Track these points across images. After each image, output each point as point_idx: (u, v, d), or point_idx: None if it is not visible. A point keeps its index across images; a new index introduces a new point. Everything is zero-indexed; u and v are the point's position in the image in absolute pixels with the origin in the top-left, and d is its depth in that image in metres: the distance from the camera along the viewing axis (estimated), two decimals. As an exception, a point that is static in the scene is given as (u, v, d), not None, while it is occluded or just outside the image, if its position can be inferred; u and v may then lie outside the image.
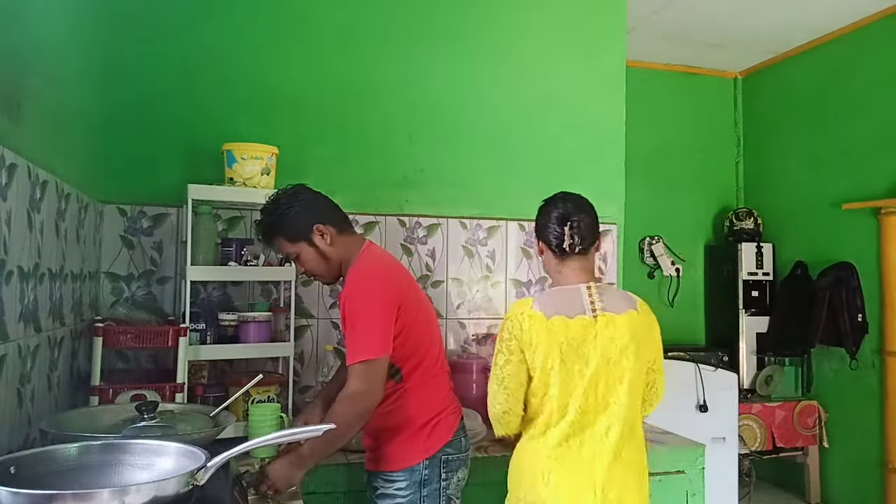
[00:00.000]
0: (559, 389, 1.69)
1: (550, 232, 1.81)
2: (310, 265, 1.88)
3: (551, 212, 1.83)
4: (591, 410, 1.69)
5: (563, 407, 1.70)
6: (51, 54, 1.75)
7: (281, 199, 1.87)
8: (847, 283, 4.07)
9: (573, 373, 1.69)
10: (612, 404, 1.70)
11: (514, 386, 1.73)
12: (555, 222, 1.81)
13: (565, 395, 1.69)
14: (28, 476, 1.12)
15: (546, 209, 1.87)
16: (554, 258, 1.83)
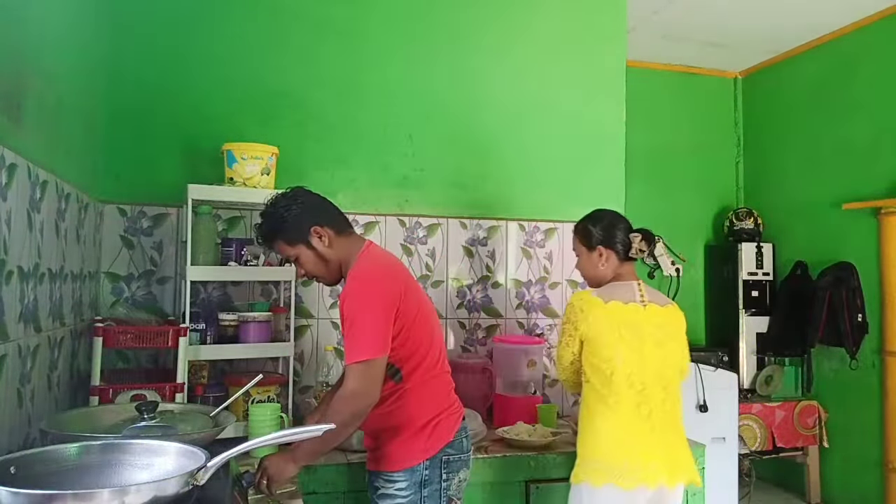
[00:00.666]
0: (623, 363, 1.97)
1: (619, 241, 2.16)
2: (309, 267, 1.88)
3: (618, 224, 2.18)
4: (650, 384, 1.98)
5: (629, 378, 1.97)
6: (51, 54, 1.75)
7: (279, 203, 1.87)
8: (847, 283, 4.06)
9: (633, 348, 1.99)
10: (665, 380, 2.00)
11: (568, 362, 2.09)
12: (623, 233, 2.17)
13: (628, 367, 1.97)
14: (28, 476, 1.12)
15: (610, 221, 2.18)
16: (617, 261, 2.15)
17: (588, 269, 2.19)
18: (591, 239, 2.17)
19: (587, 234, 2.17)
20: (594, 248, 2.16)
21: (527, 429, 2.39)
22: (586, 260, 2.18)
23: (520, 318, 2.96)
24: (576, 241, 2.21)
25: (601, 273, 2.16)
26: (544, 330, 2.97)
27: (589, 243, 2.17)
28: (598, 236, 2.16)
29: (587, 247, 2.17)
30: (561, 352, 2.10)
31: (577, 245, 2.20)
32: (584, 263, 2.19)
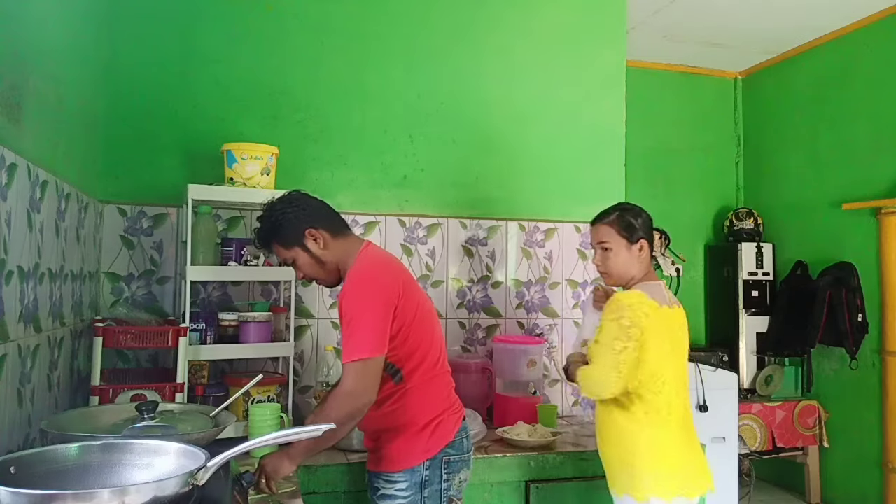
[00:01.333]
0: (673, 371, 1.95)
1: (652, 237, 2.06)
2: (306, 269, 1.89)
3: (649, 219, 2.08)
4: (684, 390, 2.00)
5: (676, 385, 1.96)
6: (51, 54, 1.75)
7: (274, 207, 1.88)
8: (847, 283, 4.06)
9: (677, 355, 1.99)
10: (687, 385, 2.03)
11: (627, 371, 1.88)
12: (652, 228, 2.08)
13: (675, 375, 1.95)
14: (28, 476, 1.12)
15: (647, 215, 2.08)
16: (649, 258, 2.06)
17: (625, 265, 2.02)
18: (633, 232, 2.01)
19: (630, 227, 2.02)
20: (636, 242, 2.01)
21: (527, 429, 2.39)
22: (626, 255, 2.01)
23: (520, 318, 2.96)
24: (611, 234, 2.02)
25: (635, 270, 2.02)
26: (544, 330, 2.97)
27: (631, 236, 2.01)
28: (641, 229, 2.02)
29: (628, 240, 2.01)
30: (624, 357, 1.86)
31: (615, 238, 2.02)
32: (621, 259, 2.01)
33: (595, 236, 2.07)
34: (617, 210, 2.06)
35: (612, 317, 1.90)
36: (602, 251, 2.04)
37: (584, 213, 3.04)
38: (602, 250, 2.04)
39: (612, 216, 2.04)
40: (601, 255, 2.05)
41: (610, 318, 1.90)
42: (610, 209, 2.07)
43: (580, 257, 3.04)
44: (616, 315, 1.89)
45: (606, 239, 2.02)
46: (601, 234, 2.04)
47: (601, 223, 2.05)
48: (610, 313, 1.91)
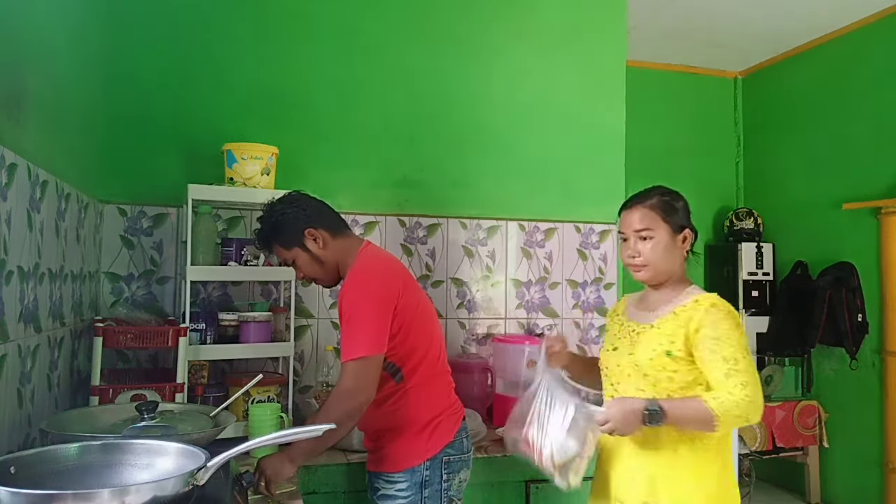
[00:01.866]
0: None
1: (695, 229, 1.78)
2: (305, 269, 1.90)
3: (689, 209, 1.78)
4: None
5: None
6: (51, 55, 1.75)
7: (275, 206, 1.90)
8: (847, 283, 4.07)
9: None
10: None
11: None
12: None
13: None
14: (28, 476, 1.12)
15: (687, 204, 1.78)
16: (684, 257, 1.77)
17: (669, 257, 1.70)
18: (678, 218, 1.72)
19: (675, 212, 1.72)
20: (680, 232, 1.72)
21: (527, 429, 2.38)
22: (670, 245, 1.70)
23: (520, 318, 2.96)
24: (654, 219, 1.70)
25: (678, 265, 1.74)
26: (544, 330, 2.97)
27: (676, 224, 1.71)
28: (685, 217, 1.74)
29: (673, 228, 1.71)
30: (755, 369, 1.59)
31: (658, 224, 1.69)
32: (665, 250, 1.70)
33: (630, 223, 1.72)
34: (657, 192, 1.75)
35: (732, 322, 1.61)
36: (640, 240, 1.71)
37: (584, 213, 3.06)
38: (640, 239, 1.70)
39: (653, 198, 1.72)
40: (639, 245, 1.71)
41: (730, 324, 1.61)
42: (648, 191, 1.76)
43: (580, 257, 3.04)
44: (735, 321, 1.62)
45: (648, 225, 1.69)
46: (641, 218, 1.70)
47: (640, 206, 1.72)
48: (727, 319, 1.61)
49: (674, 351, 1.63)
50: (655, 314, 1.74)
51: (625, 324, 1.81)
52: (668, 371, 1.64)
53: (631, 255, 1.73)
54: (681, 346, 1.63)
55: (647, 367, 1.66)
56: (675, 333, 1.65)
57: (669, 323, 1.67)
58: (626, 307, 1.88)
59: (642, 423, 1.54)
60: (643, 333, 1.72)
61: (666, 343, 1.65)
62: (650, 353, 1.66)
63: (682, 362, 1.63)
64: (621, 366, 1.72)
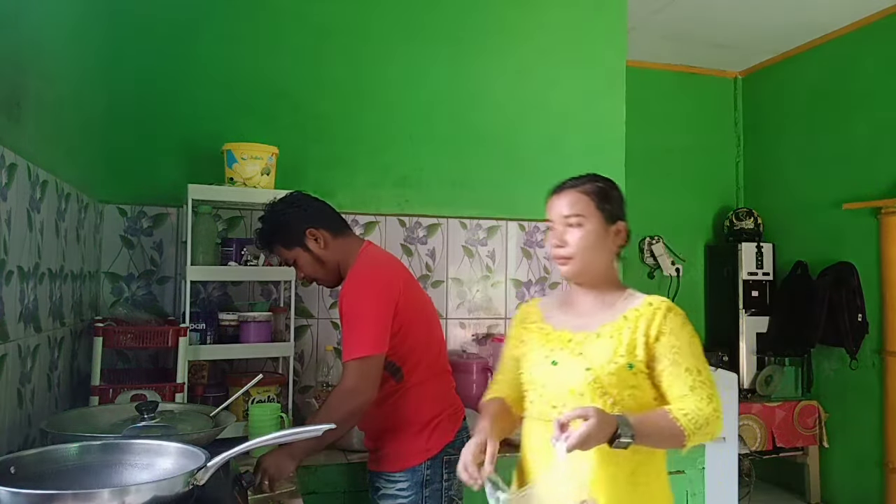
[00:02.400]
0: None
1: (627, 225, 1.56)
2: (307, 269, 1.90)
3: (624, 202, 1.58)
4: None
5: None
6: (51, 54, 1.75)
7: (275, 207, 1.90)
8: (847, 283, 4.06)
9: None
10: None
11: None
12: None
13: None
14: (28, 476, 1.12)
15: (622, 196, 1.58)
16: (617, 256, 1.57)
17: (599, 249, 1.50)
18: (613, 208, 1.52)
19: (610, 200, 1.52)
20: (614, 223, 1.52)
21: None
22: (601, 237, 1.50)
23: (520, 318, 2.96)
24: (586, 205, 1.50)
25: (608, 261, 1.54)
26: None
27: (610, 213, 1.51)
28: (620, 208, 1.55)
29: (606, 217, 1.51)
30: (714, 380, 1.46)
31: (590, 211, 1.49)
32: (596, 241, 1.50)
33: (559, 208, 1.51)
34: (591, 177, 1.55)
35: (691, 329, 1.47)
36: (568, 227, 1.50)
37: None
38: (569, 227, 1.50)
39: (586, 183, 1.53)
40: (568, 232, 1.49)
41: (690, 331, 1.46)
42: (581, 176, 1.56)
43: (580, 257, 3.04)
44: (692, 327, 1.48)
45: (579, 212, 1.49)
46: (571, 204, 1.50)
47: (572, 190, 1.51)
48: (686, 325, 1.46)
49: (635, 363, 1.42)
50: (596, 319, 1.50)
51: (551, 333, 1.54)
52: (628, 387, 1.42)
53: (557, 243, 1.50)
54: (642, 356, 1.43)
55: (608, 384, 1.41)
56: (632, 341, 1.44)
57: (621, 329, 1.46)
58: (542, 313, 1.61)
59: (608, 444, 1.28)
60: (586, 343, 1.47)
61: (624, 353, 1.43)
62: (609, 366, 1.42)
63: (641, 376, 1.43)
64: (568, 383, 1.44)
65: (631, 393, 1.42)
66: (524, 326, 1.62)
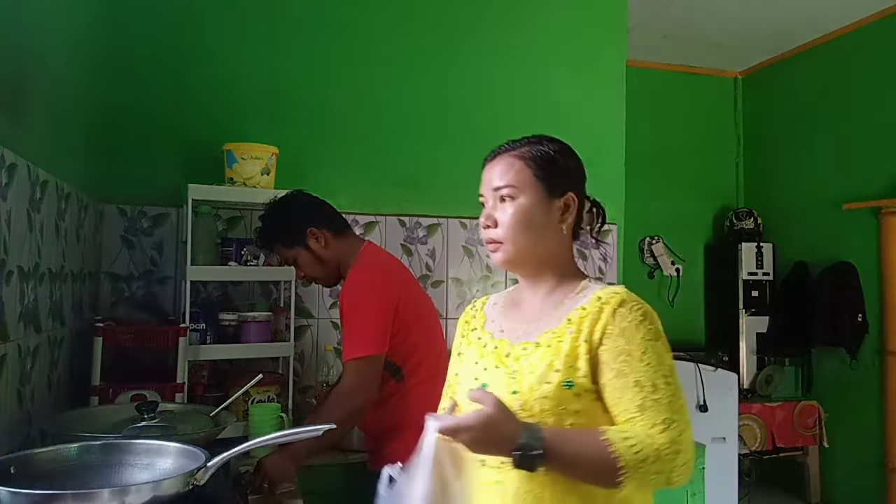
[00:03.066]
0: None
1: (584, 195, 1.25)
2: (307, 269, 1.91)
3: (582, 169, 1.29)
4: None
5: None
6: (51, 54, 1.75)
7: (276, 206, 1.91)
8: (847, 283, 4.06)
9: None
10: None
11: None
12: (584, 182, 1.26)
13: None
14: (28, 476, 1.12)
15: (580, 162, 1.30)
16: (571, 235, 1.24)
17: (539, 232, 1.18)
18: (557, 176, 1.21)
19: (553, 167, 1.21)
20: (560, 196, 1.20)
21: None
22: (540, 213, 1.18)
23: (520, 318, 2.96)
24: (521, 174, 1.20)
25: (555, 244, 1.20)
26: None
27: (552, 183, 1.20)
28: (569, 177, 1.24)
29: (549, 189, 1.19)
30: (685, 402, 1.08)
31: (524, 181, 1.19)
32: (531, 219, 1.18)
33: (489, 177, 1.23)
34: (534, 140, 1.28)
35: (652, 329, 1.11)
36: (499, 202, 1.19)
37: (584, 213, 3.06)
38: (499, 201, 1.20)
39: (523, 146, 1.25)
40: (498, 209, 1.19)
41: (649, 331, 1.10)
42: (520, 138, 1.30)
43: (580, 257, 3.03)
44: (656, 326, 1.12)
45: (510, 181, 1.19)
46: (502, 172, 1.21)
47: (505, 155, 1.25)
48: (643, 324, 1.10)
49: (576, 380, 1.08)
50: (540, 325, 1.17)
51: (488, 344, 1.22)
52: (570, 414, 1.08)
53: (485, 223, 1.20)
54: (584, 370, 1.09)
55: (541, 411, 1.08)
56: (572, 351, 1.10)
57: (561, 336, 1.12)
58: (486, 316, 1.29)
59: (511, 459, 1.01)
60: (523, 358, 1.14)
61: (563, 368, 1.09)
62: (541, 387, 1.09)
63: (588, 398, 1.09)
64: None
65: (574, 422, 1.08)
66: (463, 334, 1.31)
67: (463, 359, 1.28)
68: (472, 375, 1.20)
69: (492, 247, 1.21)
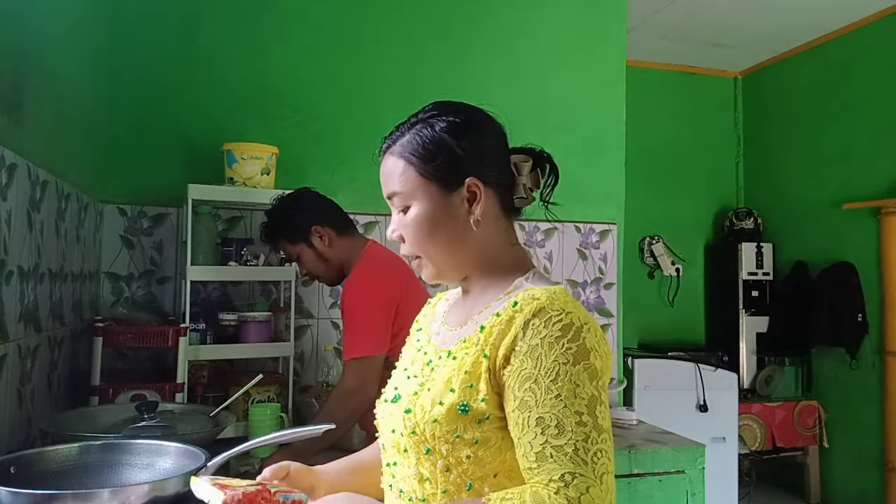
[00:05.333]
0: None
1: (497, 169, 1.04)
2: (310, 266, 1.91)
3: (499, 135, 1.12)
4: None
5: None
6: (51, 54, 1.75)
7: (282, 202, 1.91)
8: (847, 283, 4.07)
9: None
10: None
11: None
12: (498, 153, 1.06)
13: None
14: (28, 476, 1.12)
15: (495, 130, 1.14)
16: (503, 217, 1.05)
17: (451, 237, 1.01)
18: (445, 163, 1.00)
19: (437, 152, 1.01)
20: (457, 186, 1.00)
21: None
22: (446, 213, 1.00)
23: (520, 318, 2.96)
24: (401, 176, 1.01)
25: (479, 242, 1.02)
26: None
27: (443, 175, 1.00)
28: (469, 155, 1.02)
29: (442, 183, 1.00)
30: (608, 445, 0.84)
31: (411, 183, 1.01)
32: (438, 225, 1.00)
33: (382, 182, 1.05)
34: (409, 123, 1.09)
35: (570, 347, 0.86)
36: (400, 214, 1.03)
37: (584, 213, 3.05)
38: (400, 212, 1.03)
39: (401, 136, 1.06)
40: (400, 222, 1.03)
41: (566, 350, 0.86)
42: (400, 123, 1.12)
43: (580, 257, 3.04)
44: (578, 343, 0.87)
45: (397, 188, 1.01)
46: (386, 177, 1.04)
47: (386, 155, 1.07)
48: (560, 339, 0.87)
49: (473, 403, 0.90)
50: (460, 332, 1.01)
51: (423, 346, 1.08)
52: (467, 444, 0.90)
53: (392, 239, 1.05)
54: (485, 392, 0.90)
55: (433, 437, 0.91)
56: (475, 369, 0.92)
57: (469, 348, 0.95)
58: (436, 314, 1.16)
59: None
60: (437, 368, 0.98)
61: (459, 388, 0.91)
62: (434, 408, 0.92)
63: (492, 426, 0.90)
64: (396, 432, 0.97)
65: (473, 453, 0.89)
66: (410, 333, 1.20)
67: (400, 362, 1.12)
68: (394, 384, 1.06)
69: (415, 264, 1.05)
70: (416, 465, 0.93)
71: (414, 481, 0.93)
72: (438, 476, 0.91)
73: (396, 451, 0.97)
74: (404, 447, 0.95)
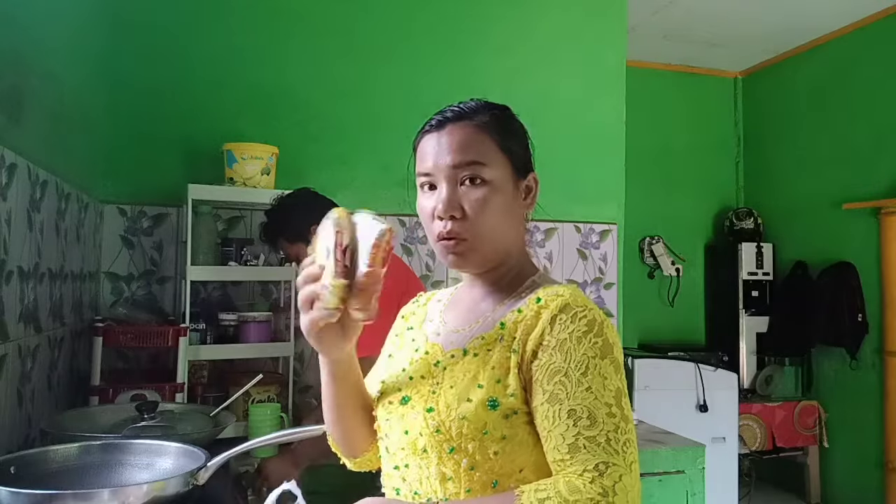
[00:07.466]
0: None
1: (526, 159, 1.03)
2: None
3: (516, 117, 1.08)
4: None
5: None
6: (51, 54, 1.75)
7: (282, 202, 1.91)
8: (847, 283, 4.07)
9: None
10: None
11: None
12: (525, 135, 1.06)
13: None
14: (28, 476, 1.12)
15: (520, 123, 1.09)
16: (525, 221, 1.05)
17: (511, 222, 1.00)
18: (520, 150, 1.04)
19: (515, 138, 1.04)
20: (525, 176, 1.03)
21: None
22: (512, 198, 0.99)
23: (520, 318, 2.96)
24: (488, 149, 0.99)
25: (514, 236, 1.02)
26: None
27: (519, 160, 1.02)
28: (528, 148, 1.07)
29: (517, 166, 1.01)
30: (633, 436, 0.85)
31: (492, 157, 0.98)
32: (507, 205, 0.98)
33: (440, 154, 1.02)
34: (485, 105, 1.08)
35: (598, 342, 0.87)
36: (461, 187, 0.97)
37: (584, 213, 3.06)
38: (460, 185, 0.97)
39: (480, 113, 1.04)
40: (461, 194, 0.96)
41: (594, 344, 0.87)
42: (463, 103, 1.09)
43: (580, 257, 3.04)
44: (604, 339, 0.88)
45: (477, 157, 0.97)
46: (464, 145, 0.99)
47: (461, 124, 1.02)
48: (587, 335, 0.87)
49: (503, 399, 0.89)
50: (472, 329, 0.99)
51: (421, 346, 1.05)
52: (495, 441, 0.88)
53: (445, 212, 0.95)
54: (515, 388, 0.89)
55: (459, 436, 0.89)
56: (502, 364, 0.91)
57: (491, 344, 0.94)
58: (428, 313, 1.12)
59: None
60: (451, 368, 0.96)
61: (487, 384, 0.90)
62: (460, 405, 0.90)
63: (519, 422, 0.89)
64: (411, 433, 0.94)
65: (501, 449, 0.88)
66: (398, 332, 1.15)
67: (392, 363, 1.09)
68: (396, 385, 1.04)
69: (449, 244, 0.95)
70: (438, 465, 0.91)
71: (435, 482, 0.91)
72: (462, 475, 0.89)
73: (411, 453, 0.94)
74: (423, 447, 0.92)
